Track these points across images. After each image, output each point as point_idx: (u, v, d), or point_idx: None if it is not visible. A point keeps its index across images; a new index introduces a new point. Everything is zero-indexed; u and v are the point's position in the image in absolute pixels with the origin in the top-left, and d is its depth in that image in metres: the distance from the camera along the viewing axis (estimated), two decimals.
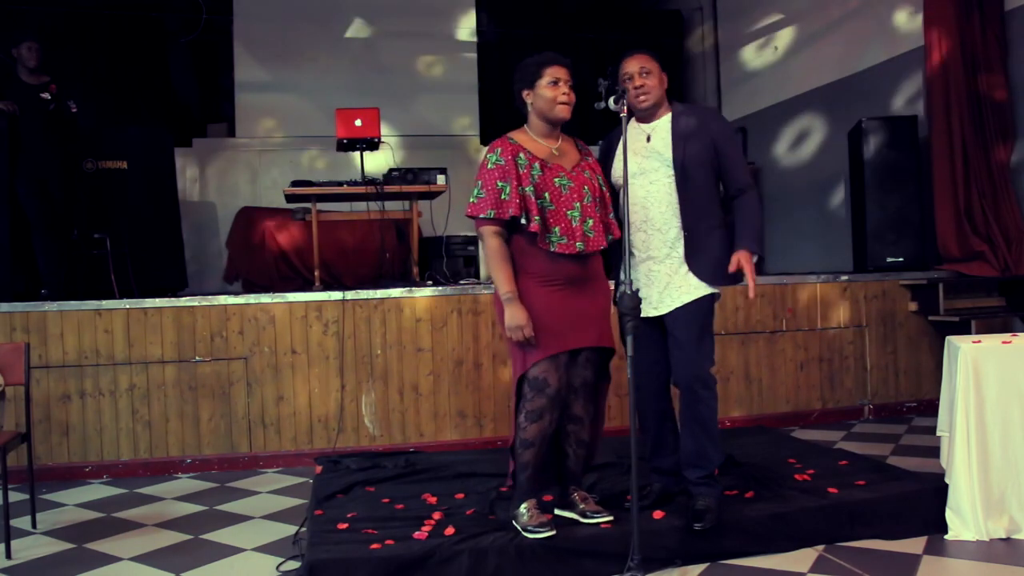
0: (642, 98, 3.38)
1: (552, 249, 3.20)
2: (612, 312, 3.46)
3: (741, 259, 3.28)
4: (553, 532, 3.16)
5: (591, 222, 3.25)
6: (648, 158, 3.36)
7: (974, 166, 5.87)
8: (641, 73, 3.39)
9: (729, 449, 4.28)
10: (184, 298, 5.17)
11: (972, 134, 5.87)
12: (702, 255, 3.35)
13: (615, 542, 3.12)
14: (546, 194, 3.22)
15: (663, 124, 3.43)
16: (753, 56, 9.12)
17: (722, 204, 3.49)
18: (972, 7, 5.86)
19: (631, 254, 3.35)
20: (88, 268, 6.08)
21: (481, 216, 3.20)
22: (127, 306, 4.96)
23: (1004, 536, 3.35)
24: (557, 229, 3.21)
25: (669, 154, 3.36)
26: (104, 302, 4.97)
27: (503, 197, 3.17)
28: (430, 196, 6.14)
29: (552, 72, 3.26)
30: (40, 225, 5.66)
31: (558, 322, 3.20)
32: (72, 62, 8.19)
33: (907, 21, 6.60)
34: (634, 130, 3.46)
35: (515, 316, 3.15)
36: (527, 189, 3.19)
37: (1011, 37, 5.83)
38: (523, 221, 3.18)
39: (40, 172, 5.63)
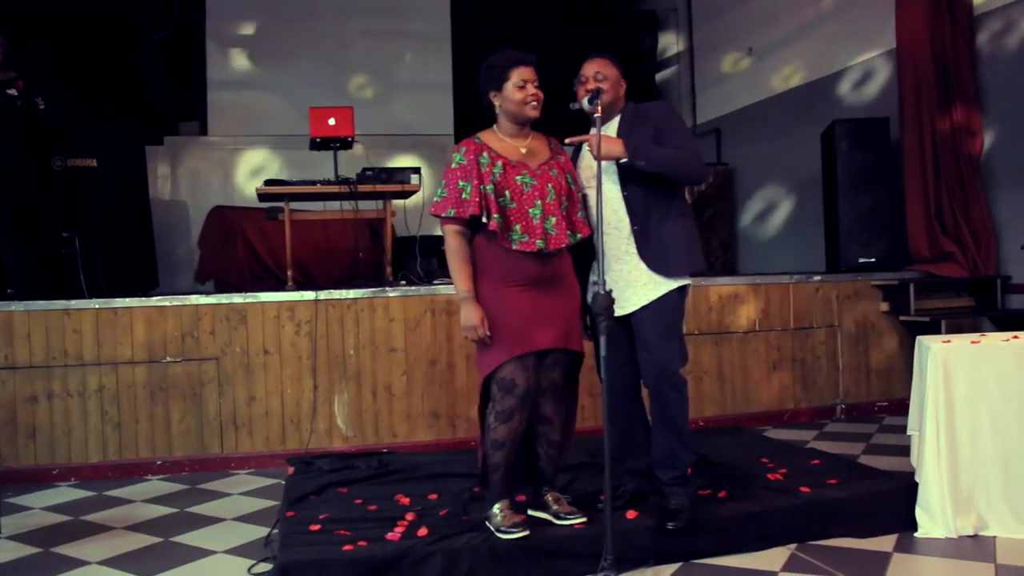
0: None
1: (513, 247, 3.20)
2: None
3: (606, 138, 3.23)
4: (526, 532, 3.16)
5: (553, 220, 3.25)
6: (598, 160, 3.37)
7: (944, 168, 5.93)
8: (596, 77, 3.41)
9: (702, 449, 4.29)
10: (155, 298, 5.12)
11: (943, 136, 5.92)
12: (654, 246, 3.36)
13: (588, 542, 3.12)
14: (507, 192, 3.22)
15: (612, 126, 3.47)
16: (727, 57, 9.16)
17: (677, 194, 3.49)
18: (943, 10, 5.91)
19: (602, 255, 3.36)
20: (57, 267, 6.00)
21: (442, 215, 3.23)
22: (96, 306, 4.90)
23: (972, 533, 3.38)
24: (518, 227, 3.21)
25: None
26: (73, 302, 4.90)
27: (463, 196, 3.19)
28: (404, 196, 6.11)
29: (519, 74, 3.26)
30: (7, 224, 5.57)
31: (522, 322, 3.20)
32: (40, 57, 8.09)
33: (879, 24, 6.65)
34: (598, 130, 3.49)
35: (469, 316, 3.18)
36: (487, 187, 3.20)
37: (980, 40, 5.89)
38: (483, 219, 3.18)
39: (7, 171, 5.54)
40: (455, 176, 3.23)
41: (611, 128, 3.46)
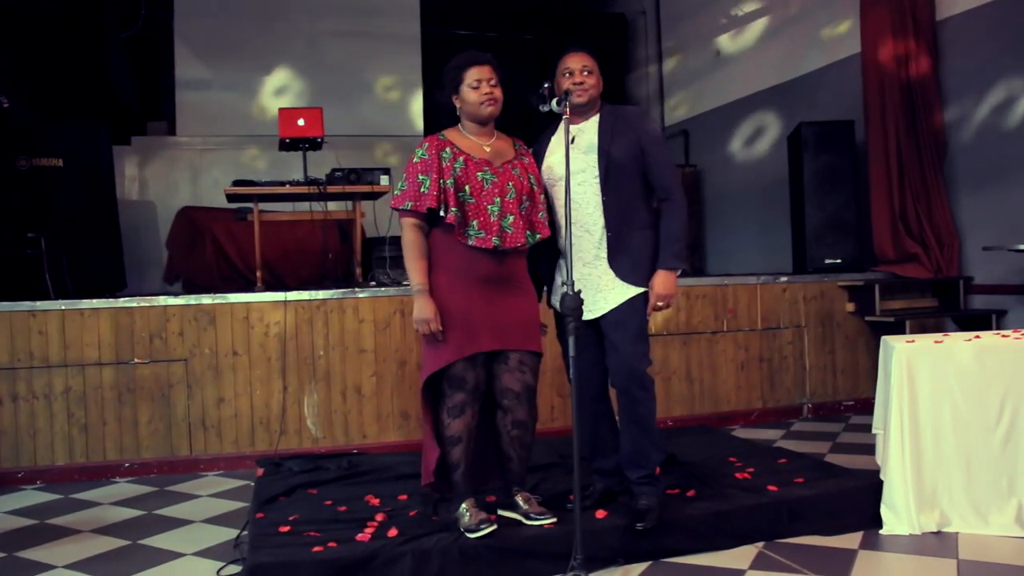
0: (579, 93, 3.40)
1: (469, 242, 3.23)
2: (547, 313, 3.50)
3: (655, 282, 3.36)
4: (494, 527, 3.18)
5: (511, 218, 3.27)
6: (574, 159, 3.37)
7: (908, 170, 6.01)
8: (583, 71, 3.42)
9: (671, 448, 4.33)
10: (122, 299, 5.07)
11: (906, 139, 6.01)
12: (624, 255, 3.38)
13: (558, 542, 3.13)
14: (467, 187, 3.25)
15: (590, 125, 3.47)
16: (695, 60, 9.23)
17: (650, 205, 3.53)
18: (906, 16, 6.00)
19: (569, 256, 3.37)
20: (22, 268, 5.92)
21: (400, 208, 3.26)
22: (62, 307, 4.85)
23: (935, 530, 3.43)
24: (475, 223, 3.24)
25: (594, 155, 3.39)
26: (38, 303, 4.85)
27: (422, 190, 3.22)
28: (373, 196, 6.10)
29: (473, 74, 3.30)
30: None
31: (474, 321, 3.22)
32: (3, 55, 7.98)
33: (844, 28, 6.74)
34: (562, 130, 3.50)
35: (422, 309, 3.19)
36: (447, 182, 3.23)
37: (942, 45, 5.99)
38: (441, 213, 3.21)
39: None
40: (415, 170, 3.26)
41: (590, 129, 3.45)
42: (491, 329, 3.25)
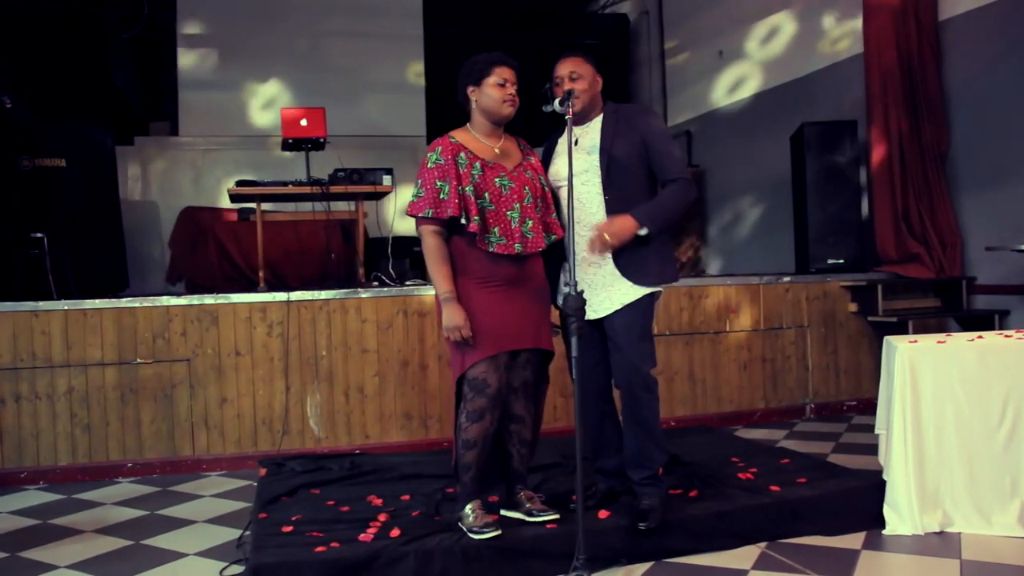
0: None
1: (491, 249, 3.21)
2: (554, 314, 3.50)
3: (617, 220, 3.26)
4: (498, 532, 3.17)
5: (530, 223, 3.27)
6: (577, 160, 3.36)
7: (911, 170, 6.01)
8: (571, 77, 3.40)
9: (673, 448, 4.32)
10: (125, 299, 5.07)
11: (909, 139, 6.00)
12: (629, 254, 3.36)
13: (560, 542, 3.13)
14: (486, 194, 3.23)
15: (594, 126, 3.46)
16: (698, 60, 9.23)
17: None
18: (908, 16, 6.00)
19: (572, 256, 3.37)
20: (25, 268, 5.93)
21: (420, 215, 3.22)
22: (65, 307, 4.85)
23: (938, 530, 3.43)
24: (496, 229, 3.22)
25: (596, 155, 3.38)
26: (41, 303, 4.85)
27: (441, 196, 3.18)
28: (376, 197, 6.11)
29: (501, 72, 3.28)
30: None
31: (496, 323, 3.21)
32: (6, 55, 7.99)
33: (847, 28, 6.74)
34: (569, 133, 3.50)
35: (452, 316, 3.16)
36: (467, 189, 3.20)
37: (945, 45, 5.98)
38: (463, 221, 3.18)
39: None
40: (432, 176, 3.22)
41: (593, 129, 3.45)
42: (512, 330, 3.25)
